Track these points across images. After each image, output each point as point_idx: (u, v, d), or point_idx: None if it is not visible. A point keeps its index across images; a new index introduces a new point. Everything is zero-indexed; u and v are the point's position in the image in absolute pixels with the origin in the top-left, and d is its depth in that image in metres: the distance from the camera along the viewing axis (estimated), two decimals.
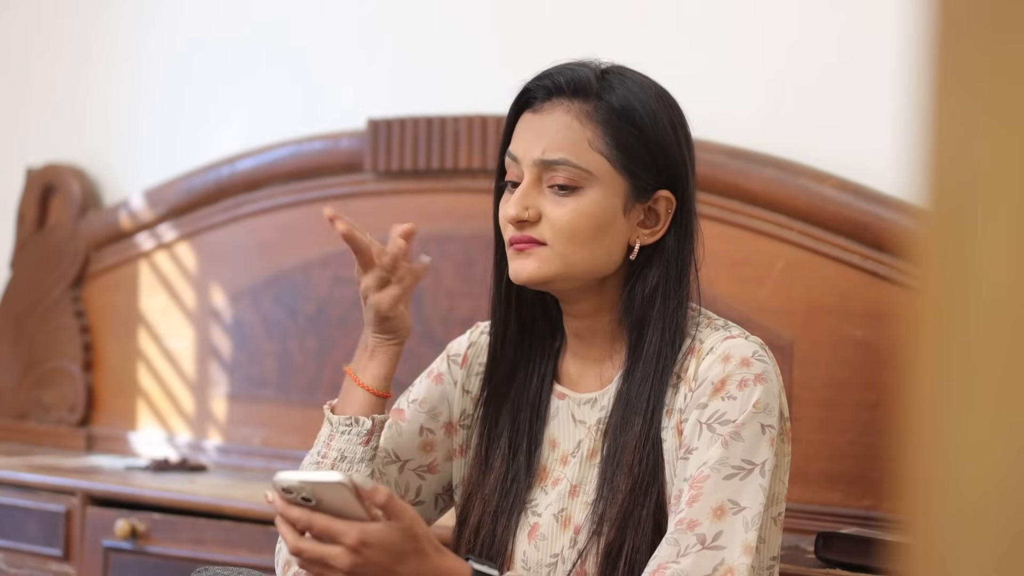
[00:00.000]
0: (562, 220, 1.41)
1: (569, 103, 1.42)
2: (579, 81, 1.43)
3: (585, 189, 1.41)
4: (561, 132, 1.42)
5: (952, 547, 0.53)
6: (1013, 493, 0.52)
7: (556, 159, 1.41)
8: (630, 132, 1.42)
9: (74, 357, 2.99)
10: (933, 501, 0.54)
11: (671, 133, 1.45)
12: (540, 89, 1.44)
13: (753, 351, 1.40)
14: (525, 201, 1.42)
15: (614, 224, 1.42)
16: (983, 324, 0.53)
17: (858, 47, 2.19)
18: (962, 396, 0.53)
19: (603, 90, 1.43)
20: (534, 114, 1.44)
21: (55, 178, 3.06)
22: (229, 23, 2.93)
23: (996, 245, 0.52)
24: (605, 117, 1.42)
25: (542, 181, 1.42)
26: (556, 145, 1.41)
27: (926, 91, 0.55)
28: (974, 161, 0.53)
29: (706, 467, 1.34)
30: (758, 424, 1.36)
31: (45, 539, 2.49)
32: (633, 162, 1.42)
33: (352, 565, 1.25)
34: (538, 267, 1.41)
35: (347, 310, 2.66)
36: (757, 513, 1.33)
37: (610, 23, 2.44)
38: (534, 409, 1.51)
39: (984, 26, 0.53)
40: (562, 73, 1.44)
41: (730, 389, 1.37)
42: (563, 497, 1.46)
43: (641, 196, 1.43)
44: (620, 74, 1.46)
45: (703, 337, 1.43)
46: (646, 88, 1.46)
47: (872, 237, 2.09)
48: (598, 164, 1.41)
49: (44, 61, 3.19)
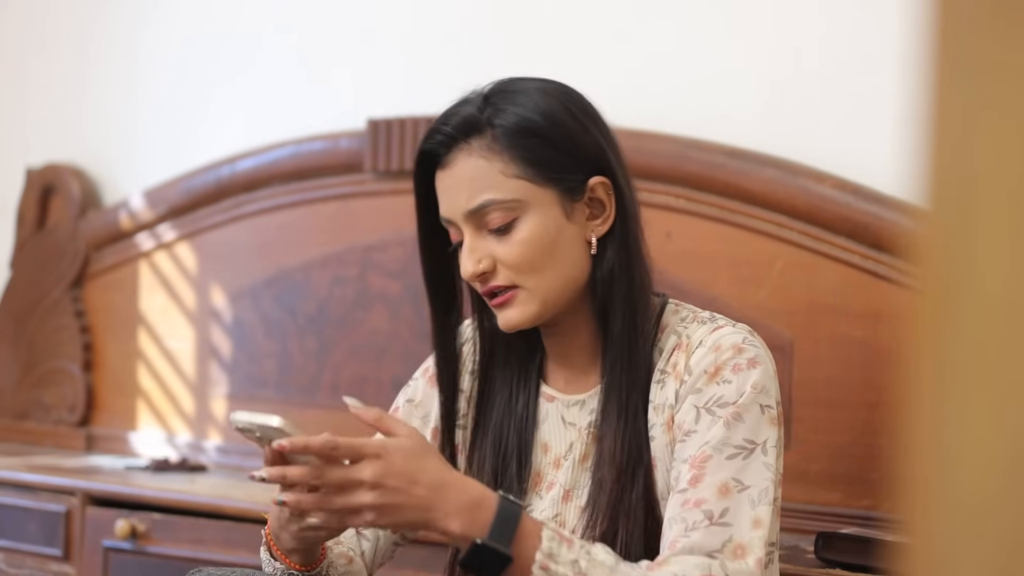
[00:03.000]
0: (513, 257, 1.40)
1: (467, 145, 1.41)
2: (466, 120, 1.41)
3: (521, 218, 1.40)
4: (474, 176, 1.40)
5: (952, 547, 0.53)
6: (1013, 493, 0.52)
7: (481, 203, 1.40)
8: (535, 144, 1.40)
9: (74, 357, 2.99)
10: (933, 501, 0.54)
11: (573, 123, 1.42)
12: (438, 146, 1.43)
13: (743, 337, 1.39)
14: (475, 255, 1.41)
15: (563, 234, 1.41)
16: (983, 324, 0.53)
17: (858, 47, 2.19)
18: (962, 396, 0.53)
19: (493, 117, 1.41)
20: (444, 171, 1.43)
21: (55, 178, 3.06)
22: (229, 22, 2.93)
23: (996, 245, 0.52)
24: (505, 142, 1.40)
25: (481, 229, 1.41)
26: (475, 190, 1.40)
27: (926, 91, 0.55)
28: (974, 161, 0.53)
29: (708, 447, 1.33)
30: (758, 405, 1.35)
31: (45, 539, 2.49)
32: (551, 169, 1.40)
33: (377, 475, 1.25)
34: (521, 312, 1.42)
35: (347, 310, 2.66)
36: (764, 489, 1.32)
37: (610, 23, 2.44)
38: (523, 416, 1.50)
39: (984, 26, 0.53)
40: (447, 122, 1.42)
41: (725, 374, 1.36)
42: (556, 502, 1.45)
43: (575, 195, 1.42)
44: (503, 92, 1.43)
45: (690, 332, 1.42)
46: (532, 93, 1.43)
47: (872, 237, 2.09)
48: (521, 188, 1.40)
49: (42, 61, 3.19)
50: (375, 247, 2.62)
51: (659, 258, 2.34)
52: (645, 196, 2.31)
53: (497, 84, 1.45)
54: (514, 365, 1.53)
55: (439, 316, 1.51)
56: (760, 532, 1.30)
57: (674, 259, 2.23)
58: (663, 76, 2.38)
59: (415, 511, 1.27)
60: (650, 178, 2.27)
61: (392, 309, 2.60)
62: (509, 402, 1.52)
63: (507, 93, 1.43)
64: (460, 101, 1.45)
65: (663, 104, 2.35)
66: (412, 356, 2.47)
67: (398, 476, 1.26)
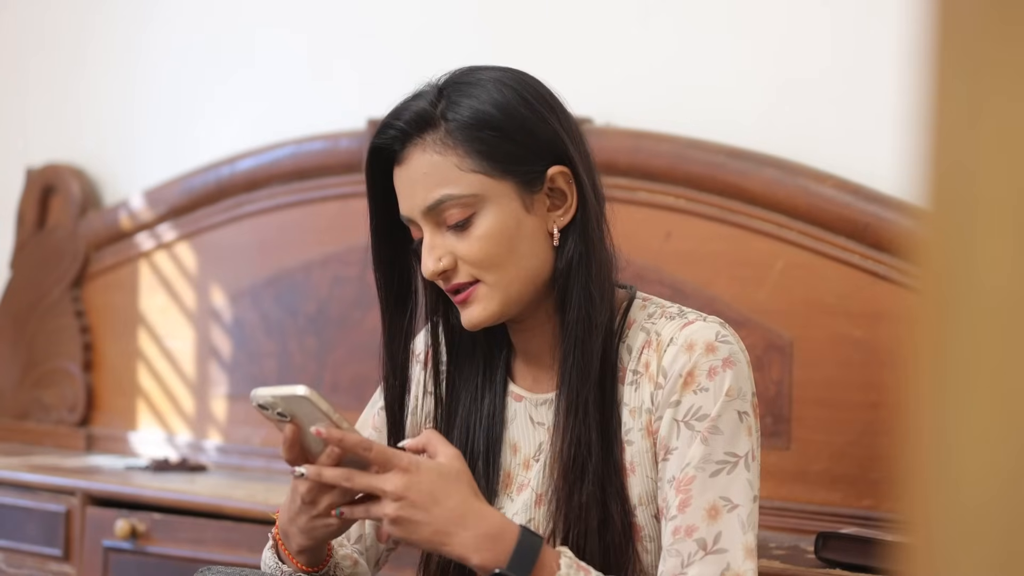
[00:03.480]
0: (473, 253, 1.37)
1: (421, 140, 1.37)
2: (419, 115, 1.38)
3: (479, 212, 1.37)
4: (429, 172, 1.37)
5: (952, 547, 0.53)
6: (1013, 493, 0.52)
7: (437, 199, 1.37)
8: (490, 136, 1.36)
9: (74, 357, 2.99)
10: (933, 501, 0.54)
11: (530, 112, 1.38)
12: (392, 141, 1.39)
13: (715, 333, 1.36)
14: (435, 253, 1.38)
15: (523, 227, 1.38)
16: (983, 324, 0.53)
17: (858, 48, 2.19)
18: (962, 396, 0.53)
19: (446, 110, 1.37)
20: (400, 167, 1.40)
21: (55, 178, 3.06)
22: (228, 22, 2.93)
23: (996, 245, 0.52)
24: (460, 136, 1.36)
25: (440, 225, 1.39)
26: (430, 186, 1.37)
27: (926, 92, 0.55)
28: (974, 161, 0.53)
29: (690, 468, 1.32)
30: (734, 412, 1.33)
31: (45, 539, 2.49)
32: (508, 162, 1.37)
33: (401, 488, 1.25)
34: (483, 308, 1.39)
35: (347, 310, 2.66)
36: (751, 511, 1.32)
37: (610, 24, 2.44)
38: (490, 414, 1.48)
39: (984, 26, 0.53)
40: (400, 116, 1.39)
41: (700, 380, 1.34)
42: (529, 507, 1.43)
43: (534, 186, 1.38)
44: (456, 83, 1.40)
45: (659, 329, 1.39)
46: (487, 83, 1.39)
47: (872, 237, 2.09)
48: (478, 183, 1.36)
49: (42, 60, 3.19)
50: None
51: (659, 258, 2.35)
52: (645, 196, 2.32)
53: (452, 76, 1.42)
54: (479, 363, 1.49)
55: (390, 317, 1.47)
56: (752, 564, 1.31)
57: (674, 259, 2.23)
58: (663, 76, 2.38)
59: (432, 531, 1.27)
60: (650, 178, 2.27)
61: None
62: (475, 400, 1.49)
63: (461, 85, 1.39)
64: (413, 94, 1.41)
65: (663, 104, 2.35)
66: None
67: (422, 493, 1.26)
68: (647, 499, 1.37)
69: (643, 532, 1.38)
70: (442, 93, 1.39)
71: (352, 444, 1.27)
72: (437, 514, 1.26)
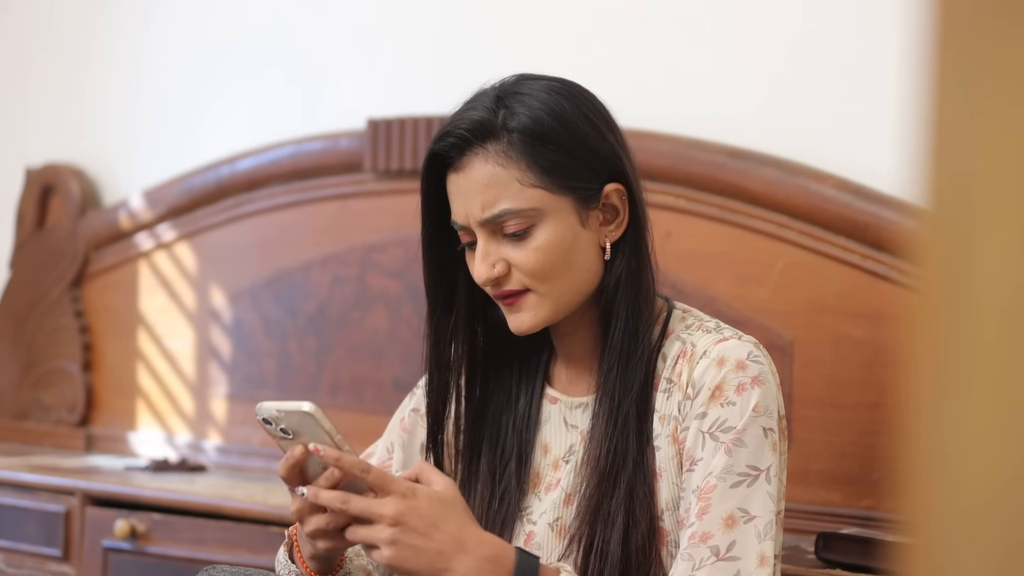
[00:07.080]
0: (529, 264, 1.39)
1: (483, 150, 1.38)
2: (480, 124, 1.38)
3: (537, 225, 1.38)
4: (489, 184, 1.37)
5: (952, 547, 0.53)
6: (1013, 493, 0.52)
7: (497, 213, 1.38)
8: (552, 151, 1.37)
9: (74, 357, 2.99)
10: (933, 501, 0.54)
11: (590, 128, 1.40)
12: (450, 148, 1.39)
13: (748, 352, 1.38)
14: (489, 259, 1.39)
15: (578, 241, 1.40)
16: (983, 324, 0.53)
17: (858, 47, 2.19)
18: (962, 396, 0.53)
19: (507, 120, 1.38)
20: (457, 174, 1.40)
21: (54, 178, 3.06)
22: (229, 23, 2.93)
23: (996, 245, 0.52)
24: (522, 148, 1.37)
25: (495, 233, 1.39)
26: (491, 199, 1.38)
27: (926, 91, 0.55)
28: (974, 161, 0.53)
29: (712, 477, 1.33)
30: (759, 428, 1.34)
31: (45, 539, 2.49)
32: (568, 178, 1.38)
33: (399, 513, 1.25)
34: (533, 315, 1.41)
35: (347, 310, 2.66)
36: (769, 522, 1.32)
37: (610, 23, 2.44)
38: (524, 415, 1.50)
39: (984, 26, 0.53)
40: (460, 123, 1.39)
41: (728, 394, 1.35)
42: (558, 506, 1.45)
43: (591, 202, 1.40)
44: (516, 93, 1.40)
45: (695, 340, 1.41)
46: (546, 95, 1.40)
47: (872, 237, 2.09)
48: (538, 198, 1.37)
49: (43, 61, 3.19)
50: (375, 247, 2.62)
51: (659, 258, 2.34)
52: (645, 196, 2.31)
53: (508, 84, 1.42)
54: (515, 364, 1.52)
55: (438, 318, 1.49)
56: (765, 571, 1.31)
57: (674, 259, 2.23)
58: (663, 76, 2.38)
59: (430, 557, 1.27)
60: (650, 178, 2.27)
61: (392, 309, 2.60)
62: (509, 401, 1.51)
63: (520, 95, 1.40)
64: (470, 102, 1.42)
65: (663, 104, 2.35)
66: (412, 356, 2.47)
67: (420, 519, 1.26)
68: (673, 504, 1.39)
69: (668, 537, 1.39)
70: (500, 102, 1.40)
71: (349, 465, 1.27)
72: (436, 539, 1.27)
